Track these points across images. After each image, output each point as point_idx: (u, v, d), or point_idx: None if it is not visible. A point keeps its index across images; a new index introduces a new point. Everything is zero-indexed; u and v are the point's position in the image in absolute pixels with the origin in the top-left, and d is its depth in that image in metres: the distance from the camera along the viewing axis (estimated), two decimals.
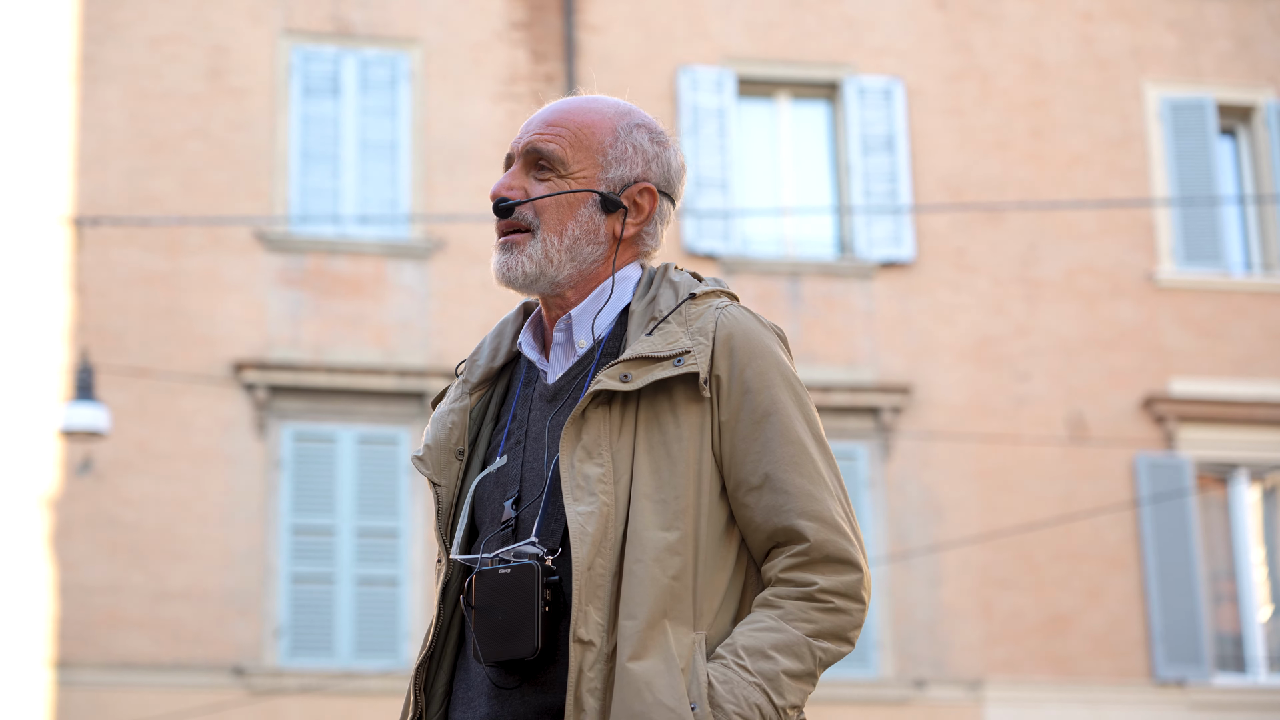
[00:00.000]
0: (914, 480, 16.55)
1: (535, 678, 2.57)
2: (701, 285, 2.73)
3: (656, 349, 2.60)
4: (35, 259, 15.89)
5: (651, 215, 2.76)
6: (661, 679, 2.47)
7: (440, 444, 2.76)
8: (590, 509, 2.55)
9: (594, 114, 2.76)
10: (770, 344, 2.66)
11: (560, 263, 2.71)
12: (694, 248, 16.73)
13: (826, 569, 2.57)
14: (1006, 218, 17.21)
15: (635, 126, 2.77)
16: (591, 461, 2.58)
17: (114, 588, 15.33)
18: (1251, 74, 17.99)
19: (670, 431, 2.60)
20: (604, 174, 2.73)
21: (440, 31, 16.89)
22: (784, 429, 2.61)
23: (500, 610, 2.57)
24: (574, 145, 2.73)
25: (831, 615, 2.56)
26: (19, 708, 14.96)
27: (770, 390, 2.62)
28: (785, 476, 2.59)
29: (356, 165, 16.60)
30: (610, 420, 2.60)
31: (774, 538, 2.59)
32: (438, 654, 2.72)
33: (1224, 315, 17.31)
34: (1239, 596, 16.86)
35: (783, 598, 2.57)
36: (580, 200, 2.72)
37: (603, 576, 2.53)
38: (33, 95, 16.20)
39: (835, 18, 17.57)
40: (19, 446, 15.49)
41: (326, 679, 15.30)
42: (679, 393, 2.61)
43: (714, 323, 2.64)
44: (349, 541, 15.74)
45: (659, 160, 2.77)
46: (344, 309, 16.16)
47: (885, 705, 16.07)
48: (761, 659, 2.51)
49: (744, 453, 2.60)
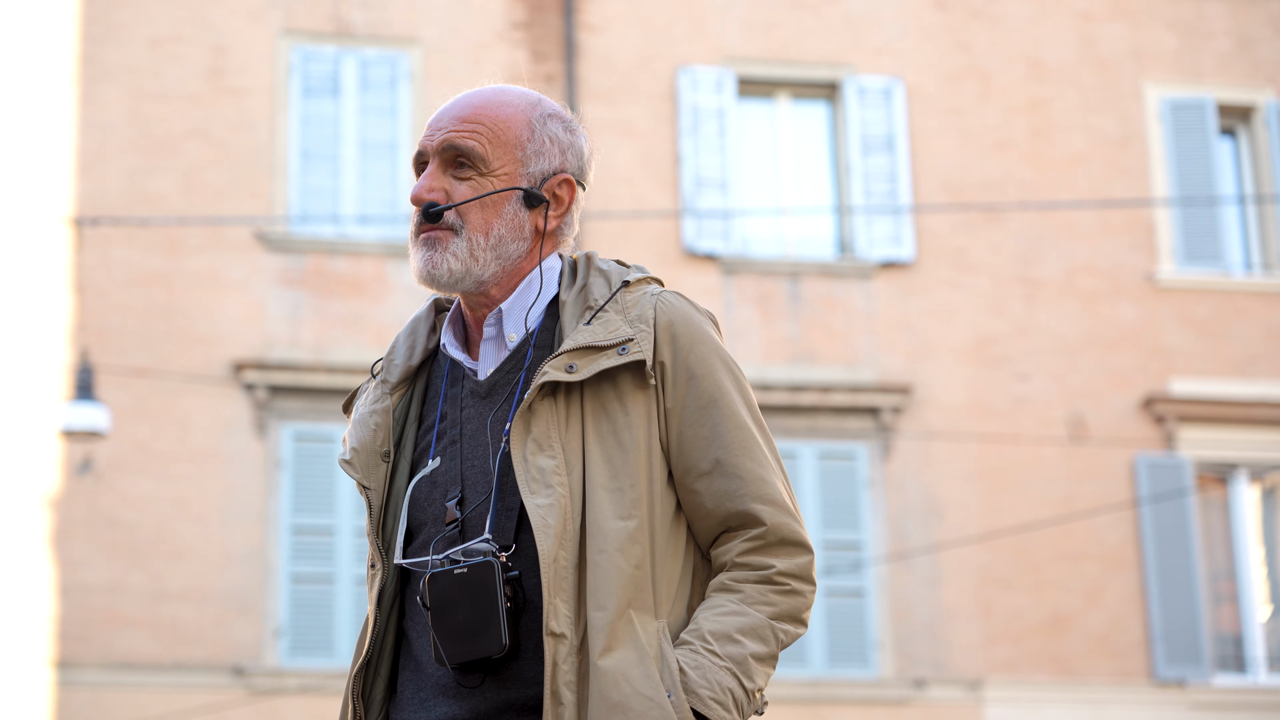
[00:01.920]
0: (914, 480, 16.55)
1: (497, 674, 2.55)
2: (632, 272, 2.72)
3: (599, 338, 2.59)
4: (35, 259, 15.90)
5: (570, 206, 2.74)
6: (636, 669, 2.47)
7: (366, 447, 2.72)
8: (549, 501, 2.53)
9: (507, 107, 2.72)
10: (709, 329, 2.67)
11: (486, 261, 2.67)
12: (694, 248, 16.73)
13: (782, 552, 2.59)
14: (1006, 218, 17.21)
15: (549, 117, 2.74)
16: (543, 454, 2.56)
17: (114, 588, 15.33)
18: (1251, 74, 17.99)
19: (619, 420, 2.59)
20: (524, 169, 2.70)
21: (440, 31, 16.89)
22: (730, 414, 2.61)
23: (460, 610, 2.54)
24: (493, 141, 2.69)
25: (789, 597, 2.58)
26: (19, 707, 14.97)
27: (714, 375, 2.62)
28: (736, 461, 2.60)
29: (356, 165, 16.61)
30: (557, 412, 2.58)
31: (726, 522, 2.60)
32: (375, 660, 2.69)
33: (1224, 315, 17.31)
34: (1239, 596, 16.86)
35: (741, 581, 2.58)
36: (504, 198, 2.68)
37: (566, 569, 2.52)
38: (33, 95, 16.21)
39: (835, 18, 17.57)
40: (19, 446, 15.49)
41: (326, 679, 15.30)
42: (624, 381, 2.60)
43: (652, 310, 2.64)
44: (349, 541, 15.74)
45: (573, 149, 2.74)
46: (344, 309, 16.17)
47: (885, 705, 16.07)
48: (729, 643, 2.52)
49: (692, 439, 2.60)
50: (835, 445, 16.41)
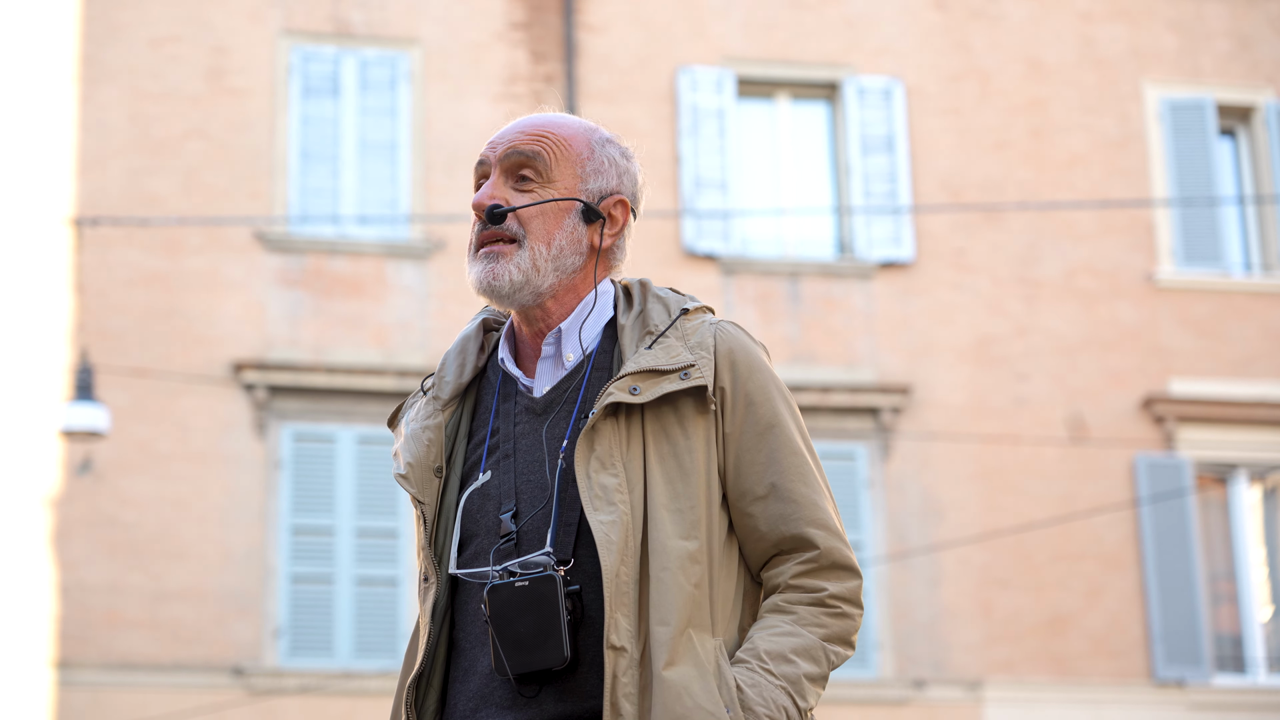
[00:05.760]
0: (914, 480, 16.56)
1: (554, 686, 2.61)
2: (689, 301, 2.79)
3: (661, 362, 2.66)
4: (35, 259, 15.90)
5: (624, 228, 2.81)
6: (696, 684, 2.54)
7: (420, 462, 2.76)
8: (612, 518, 2.59)
9: (569, 126, 2.81)
10: (764, 359, 2.75)
11: (546, 273, 2.73)
12: (694, 248, 16.73)
13: (834, 575, 2.67)
14: (1006, 218, 17.21)
15: (607, 141, 2.84)
16: (606, 472, 2.62)
17: (114, 588, 15.34)
18: (1251, 74, 18.00)
19: (680, 444, 2.65)
20: (584, 185, 2.78)
21: (440, 32, 16.90)
22: (786, 440, 2.69)
23: (521, 622, 2.59)
24: (556, 153, 2.77)
25: (840, 620, 2.66)
26: (20, 707, 14.97)
27: (771, 403, 2.70)
28: (791, 486, 2.67)
29: (356, 165, 16.61)
30: (619, 432, 2.64)
31: (780, 545, 2.67)
32: (428, 672, 2.73)
33: (1224, 315, 17.31)
34: (1239, 597, 16.86)
35: (794, 603, 2.65)
36: (565, 210, 2.75)
37: (627, 584, 2.58)
38: (33, 96, 16.21)
39: (835, 18, 17.57)
40: (19, 446, 15.49)
41: (326, 679, 15.31)
42: (684, 406, 2.67)
43: (712, 338, 2.71)
44: (348, 542, 15.74)
45: (629, 174, 2.84)
46: (344, 309, 16.17)
47: (885, 705, 16.08)
48: (784, 663, 2.60)
49: (749, 463, 2.68)
50: (835, 445, 16.41)
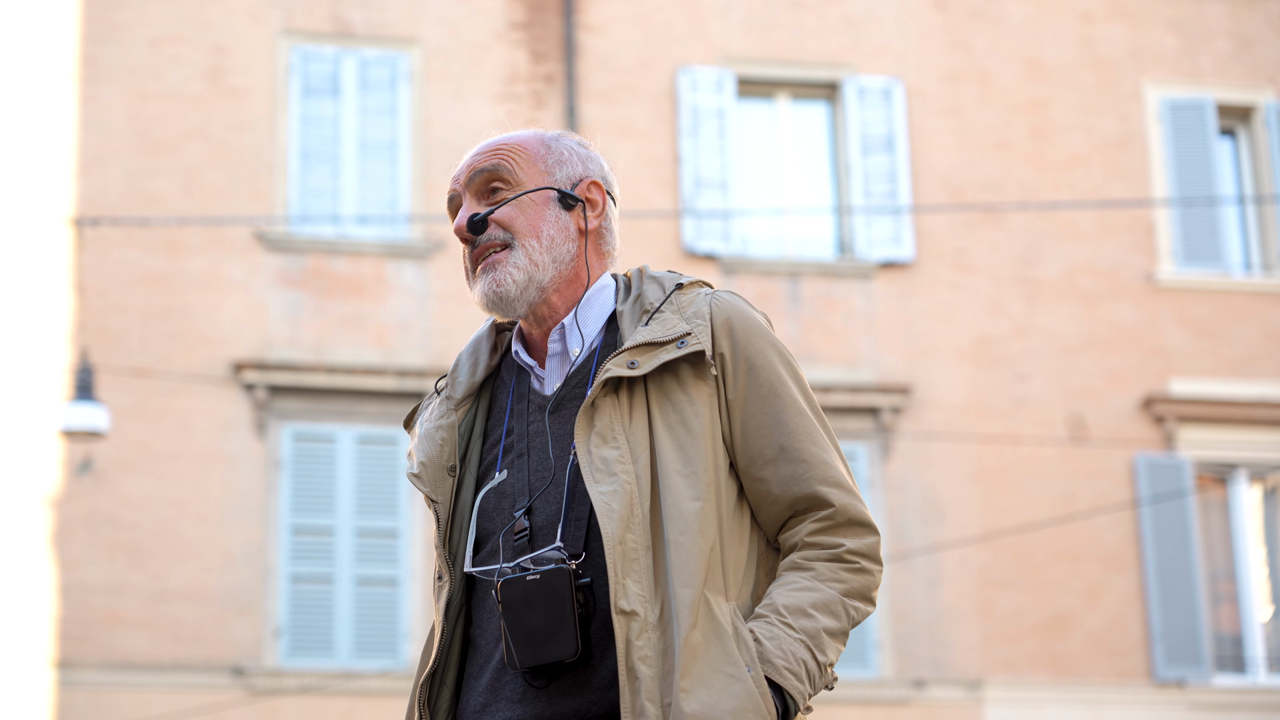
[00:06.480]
0: (914, 480, 16.56)
1: (565, 679, 2.61)
2: (685, 277, 2.82)
3: (657, 335, 2.68)
4: (35, 259, 15.90)
5: (605, 208, 2.84)
6: (715, 646, 2.55)
7: (433, 461, 2.78)
8: (613, 488, 2.60)
9: (518, 135, 2.86)
10: (763, 323, 2.77)
11: (544, 265, 2.77)
12: (694, 248, 16.73)
13: (850, 531, 2.68)
14: (1006, 218, 17.21)
15: (559, 135, 2.88)
16: (606, 446, 2.63)
17: (114, 588, 15.34)
18: (1251, 74, 18.00)
19: (685, 409, 2.67)
20: (551, 176, 2.82)
21: (440, 32, 16.90)
22: (791, 402, 2.70)
23: (532, 615, 2.60)
24: (516, 160, 2.81)
25: (859, 575, 2.67)
26: (20, 707, 14.97)
27: (772, 366, 2.72)
28: (800, 446, 2.68)
29: (356, 165, 16.61)
30: (620, 406, 2.66)
31: (794, 506, 2.68)
32: (441, 670, 2.76)
33: (1224, 315, 17.31)
34: (1239, 597, 16.86)
35: (812, 560, 2.66)
36: (542, 202, 2.79)
37: (635, 550, 2.58)
38: (33, 96, 16.21)
39: (835, 18, 17.57)
40: (19, 446, 15.49)
41: (326, 679, 15.31)
42: (686, 374, 2.68)
43: (708, 306, 2.73)
44: (349, 541, 15.74)
45: (592, 160, 2.87)
46: (344, 309, 16.17)
47: (885, 705, 16.08)
48: (803, 617, 2.61)
49: (756, 427, 2.69)
50: None
